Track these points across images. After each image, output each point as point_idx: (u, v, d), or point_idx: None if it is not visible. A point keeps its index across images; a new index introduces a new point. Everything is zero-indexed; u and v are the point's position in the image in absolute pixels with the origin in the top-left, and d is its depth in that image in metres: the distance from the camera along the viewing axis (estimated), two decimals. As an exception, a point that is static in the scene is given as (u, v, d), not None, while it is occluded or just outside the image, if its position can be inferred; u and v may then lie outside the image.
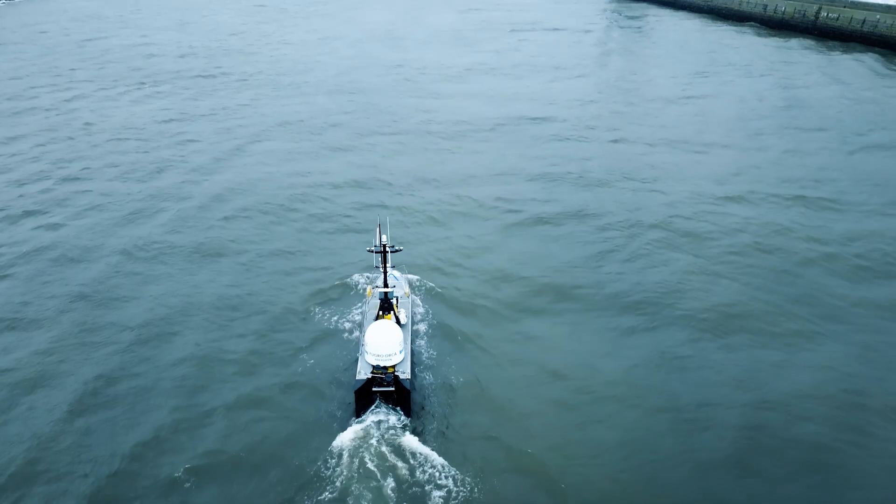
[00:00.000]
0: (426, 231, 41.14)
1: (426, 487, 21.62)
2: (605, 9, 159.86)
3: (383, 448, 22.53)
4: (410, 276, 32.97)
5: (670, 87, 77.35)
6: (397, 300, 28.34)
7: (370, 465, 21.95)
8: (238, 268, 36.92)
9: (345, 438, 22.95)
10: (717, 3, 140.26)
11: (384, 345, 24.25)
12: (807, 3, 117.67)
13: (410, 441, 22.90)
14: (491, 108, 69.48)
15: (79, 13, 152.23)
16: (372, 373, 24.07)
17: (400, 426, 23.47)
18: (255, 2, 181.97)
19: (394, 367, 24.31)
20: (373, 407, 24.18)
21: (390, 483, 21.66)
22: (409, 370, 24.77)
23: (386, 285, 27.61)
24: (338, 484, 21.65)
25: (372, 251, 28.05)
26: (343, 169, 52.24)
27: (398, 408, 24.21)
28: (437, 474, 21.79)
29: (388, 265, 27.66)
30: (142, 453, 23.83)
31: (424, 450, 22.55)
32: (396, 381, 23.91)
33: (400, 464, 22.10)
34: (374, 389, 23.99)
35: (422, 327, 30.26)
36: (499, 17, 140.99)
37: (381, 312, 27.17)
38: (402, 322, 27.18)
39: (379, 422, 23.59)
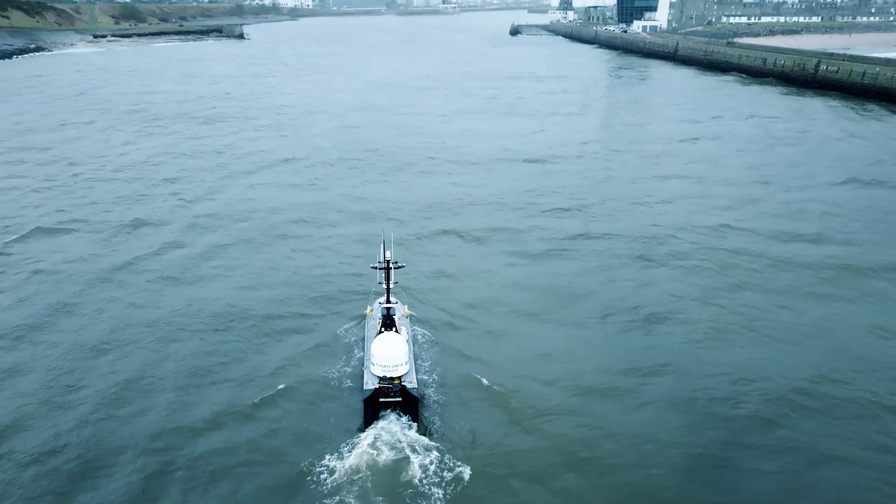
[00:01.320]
0: (424, 259, 40.89)
1: (439, 491, 21.58)
2: (605, 60, 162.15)
3: (394, 455, 22.66)
4: (416, 327, 32.50)
5: (669, 130, 76.44)
6: (397, 322, 28.65)
7: (382, 474, 22.04)
8: (231, 292, 36.30)
9: (355, 449, 23.03)
10: (716, 58, 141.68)
11: (390, 356, 24.30)
12: (806, 58, 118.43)
13: (420, 447, 23.05)
14: (490, 146, 69.37)
15: (89, 66, 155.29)
16: (379, 383, 24.15)
17: (409, 434, 23.57)
18: (260, 56, 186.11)
19: (400, 377, 24.33)
20: (381, 417, 24.29)
21: (402, 488, 21.59)
22: (415, 380, 25.02)
23: (388, 301, 27.99)
24: (349, 492, 21.56)
25: (376, 267, 28.60)
26: (342, 202, 52.36)
27: (407, 416, 24.31)
28: (449, 479, 22.00)
29: (391, 282, 28.08)
30: (133, 457, 23.44)
31: (434, 455, 22.81)
32: (404, 390, 24.03)
33: (411, 469, 22.22)
34: (381, 400, 24.11)
35: (423, 345, 30.58)
36: (500, 69, 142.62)
37: (382, 329, 27.16)
38: (406, 339, 27.41)
39: (388, 430, 23.67)
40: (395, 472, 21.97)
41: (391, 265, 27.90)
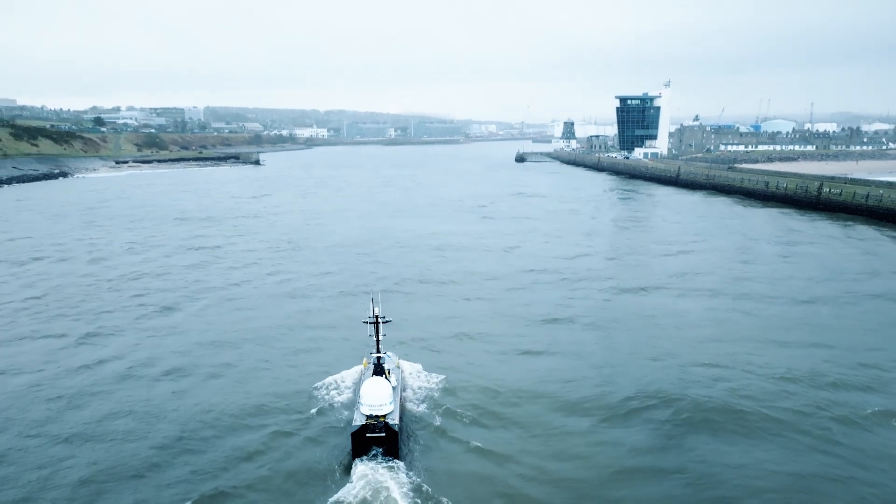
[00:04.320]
0: (418, 316, 45.50)
1: None
2: (609, 184, 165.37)
3: (375, 488, 25.23)
4: (414, 364, 37.68)
5: (670, 246, 75.55)
6: (389, 371, 32.27)
7: (365, 500, 24.68)
8: (239, 353, 41.55)
9: (339, 482, 26.12)
10: (718, 182, 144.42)
11: (376, 396, 27.84)
12: (808, 181, 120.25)
13: (400, 478, 25.95)
14: (492, 261, 68.89)
15: (104, 187, 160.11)
16: (366, 420, 27.47)
17: (391, 467, 26.57)
18: (274, 178, 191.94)
19: (384, 416, 27.64)
20: (367, 452, 27.37)
21: None
22: (397, 419, 28.47)
23: (378, 351, 32.27)
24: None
25: (366, 322, 33.54)
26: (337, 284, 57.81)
27: (389, 450, 27.36)
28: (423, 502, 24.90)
29: (379, 334, 32.70)
30: (141, 491, 26.18)
31: (412, 484, 25.74)
32: (387, 427, 27.30)
33: (390, 497, 24.78)
34: (367, 435, 27.22)
35: (412, 389, 34.74)
36: (507, 190, 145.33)
37: (373, 376, 30.40)
38: (393, 385, 30.84)
39: (372, 463, 26.77)
40: (376, 498, 24.55)
41: (379, 320, 32.95)
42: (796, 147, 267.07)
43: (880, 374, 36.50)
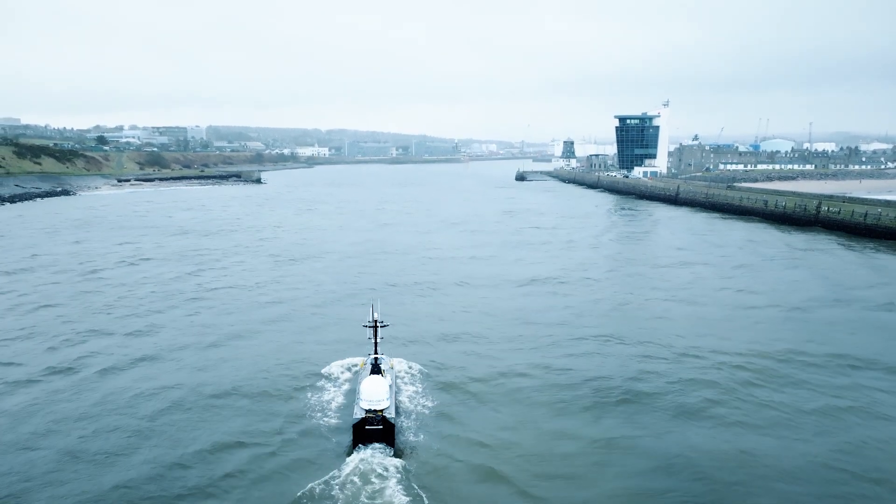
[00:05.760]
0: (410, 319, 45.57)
1: (406, 500, 26.31)
2: (610, 202, 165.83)
3: (373, 474, 27.84)
4: (409, 363, 40.55)
5: (663, 258, 75.60)
6: (384, 370, 35.08)
7: (362, 489, 26.96)
8: (247, 352, 44.14)
9: (342, 467, 28.51)
10: (717, 200, 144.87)
11: (375, 392, 30.78)
12: (807, 199, 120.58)
13: (395, 466, 28.43)
14: (487, 272, 68.95)
15: (102, 205, 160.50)
16: (365, 414, 30.17)
17: (387, 457, 29.25)
18: (274, 196, 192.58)
19: (382, 410, 30.43)
20: (366, 442, 30.05)
21: (378, 498, 26.33)
22: (393, 413, 31.44)
23: (376, 352, 35.54)
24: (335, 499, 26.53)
25: (366, 326, 37.01)
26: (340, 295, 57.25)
27: (386, 441, 30.15)
28: (416, 490, 26.85)
29: (378, 337, 35.93)
30: (137, 486, 27.37)
31: (406, 471, 28.16)
32: (384, 420, 30.08)
33: (386, 487, 27.08)
34: (366, 427, 29.97)
35: (405, 388, 37.33)
36: (506, 207, 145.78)
37: (372, 374, 33.21)
38: (389, 382, 33.39)
39: (371, 453, 29.50)
40: (372, 485, 27.00)
41: (378, 324, 36.18)
42: (795, 166, 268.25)
43: (862, 375, 38.64)
